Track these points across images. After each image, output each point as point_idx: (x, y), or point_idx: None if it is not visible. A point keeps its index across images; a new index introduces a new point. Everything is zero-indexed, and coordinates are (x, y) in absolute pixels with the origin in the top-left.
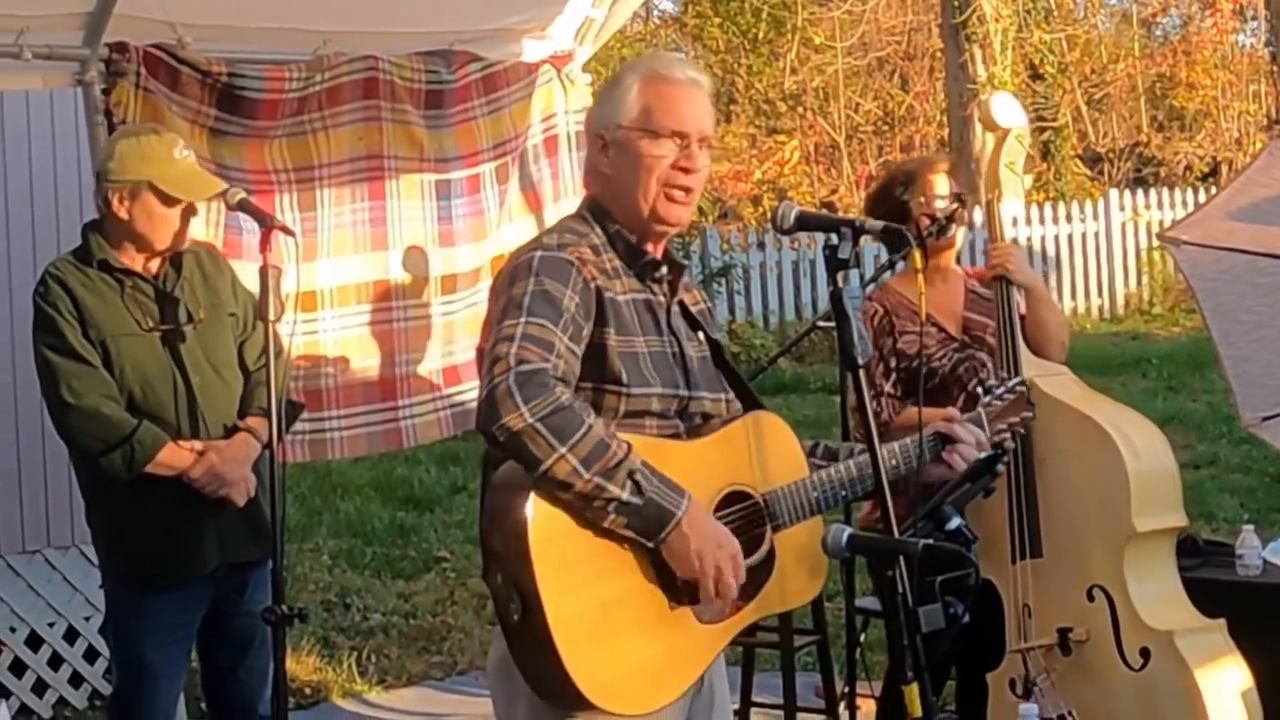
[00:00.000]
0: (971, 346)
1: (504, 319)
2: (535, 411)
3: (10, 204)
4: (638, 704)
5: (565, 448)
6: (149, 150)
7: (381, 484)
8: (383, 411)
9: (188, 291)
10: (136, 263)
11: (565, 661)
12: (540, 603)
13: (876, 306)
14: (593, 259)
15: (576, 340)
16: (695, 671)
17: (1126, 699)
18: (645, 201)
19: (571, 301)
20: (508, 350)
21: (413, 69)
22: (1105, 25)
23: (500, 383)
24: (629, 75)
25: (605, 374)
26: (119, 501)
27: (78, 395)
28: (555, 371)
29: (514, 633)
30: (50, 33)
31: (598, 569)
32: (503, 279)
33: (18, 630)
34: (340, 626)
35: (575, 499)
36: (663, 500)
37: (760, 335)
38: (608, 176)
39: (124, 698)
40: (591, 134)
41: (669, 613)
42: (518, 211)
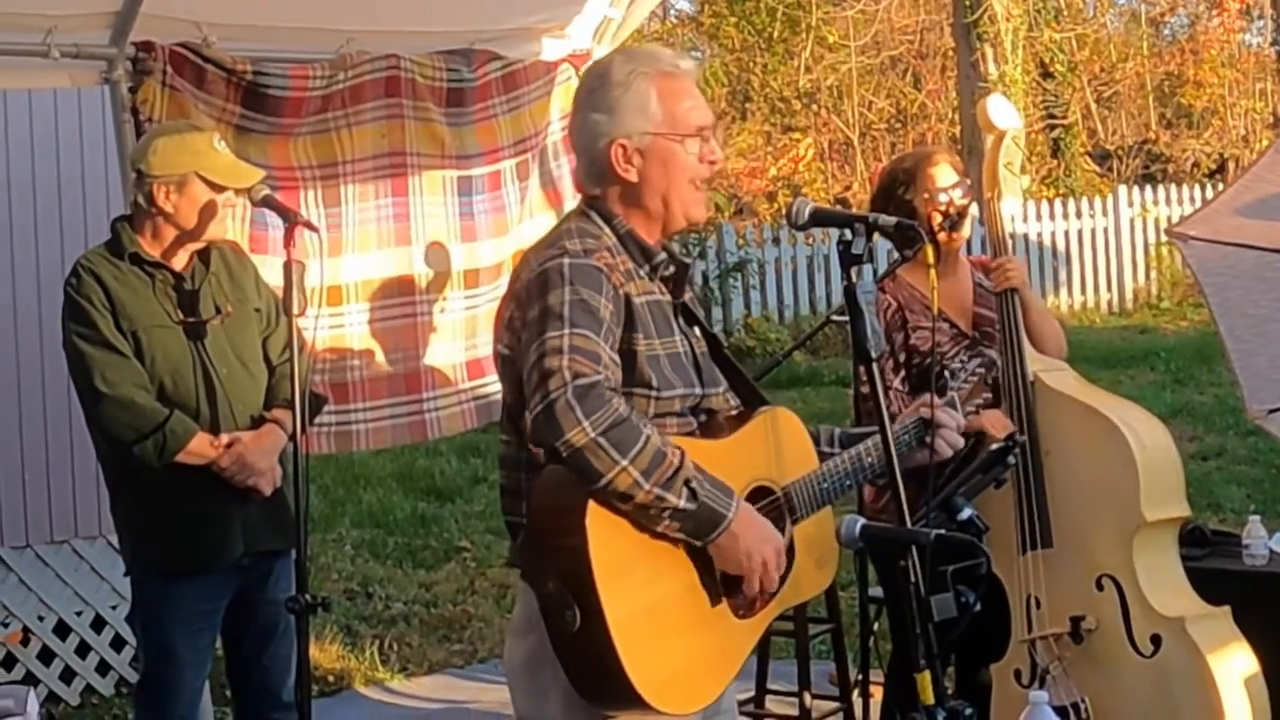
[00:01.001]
0: (982, 343)
1: (546, 329)
2: (597, 425)
3: (39, 201)
4: (689, 702)
5: (627, 460)
6: (191, 144)
7: (403, 475)
8: (407, 404)
9: (215, 286)
10: (166, 257)
11: (626, 666)
12: (601, 609)
13: (889, 300)
14: (614, 262)
15: (614, 349)
16: (735, 666)
17: (1138, 685)
18: (679, 204)
19: (606, 310)
20: (560, 364)
21: (434, 67)
22: (1114, 24)
23: (558, 397)
24: (636, 76)
25: (635, 379)
26: (146, 492)
27: (111, 385)
28: (609, 383)
29: (569, 639)
30: (78, 32)
31: (650, 572)
32: (532, 285)
33: (46, 619)
34: (363, 615)
35: (633, 509)
36: (715, 504)
37: (775, 329)
38: (630, 183)
39: (150, 685)
40: (606, 143)
41: (710, 610)
42: (538, 207)
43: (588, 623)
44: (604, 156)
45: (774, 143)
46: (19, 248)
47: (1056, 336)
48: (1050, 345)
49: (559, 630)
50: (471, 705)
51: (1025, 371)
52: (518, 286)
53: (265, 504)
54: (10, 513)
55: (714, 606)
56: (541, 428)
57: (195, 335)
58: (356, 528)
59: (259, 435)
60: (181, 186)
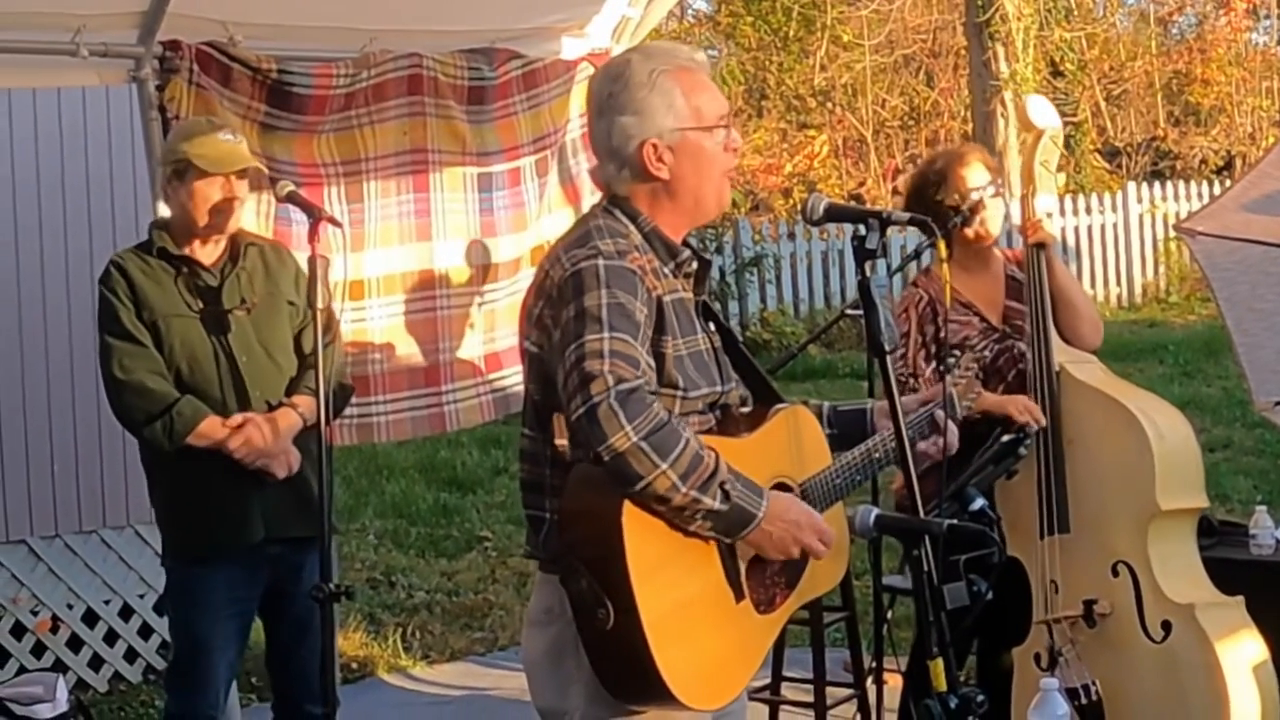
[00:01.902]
0: (1012, 336)
1: (584, 332)
2: (639, 430)
3: (67, 197)
4: (716, 698)
5: (667, 464)
6: (191, 129)
7: (426, 466)
8: (427, 396)
9: (244, 280)
10: (195, 252)
11: (658, 663)
12: (636, 608)
13: (921, 294)
14: (644, 263)
15: (648, 352)
16: (758, 660)
17: (1148, 670)
18: (712, 194)
19: (641, 314)
20: (601, 368)
21: (455, 66)
22: (1123, 24)
23: (601, 402)
24: (658, 75)
25: (663, 380)
26: (171, 477)
27: (127, 371)
28: (649, 386)
29: (602, 637)
30: (106, 31)
31: (680, 571)
32: (565, 284)
33: (75, 607)
34: (386, 604)
35: (668, 511)
36: (746, 504)
37: (790, 323)
38: (662, 181)
39: (179, 669)
40: (638, 144)
41: (734, 607)
42: (557, 203)
43: (621, 621)
44: (636, 158)
45: (789, 140)
46: (48, 243)
47: (1087, 304)
48: (1083, 314)
49: (590, 627)
50: (492, 692)
51: (1051, 355)
52: (548, 284)
53: (288, 489)
54: (40, 503)
55: (738, 603)
56: (583, 431)
57: (215, 324)
58: (380, 518)
59: (269, 417)
60: (181, 175)
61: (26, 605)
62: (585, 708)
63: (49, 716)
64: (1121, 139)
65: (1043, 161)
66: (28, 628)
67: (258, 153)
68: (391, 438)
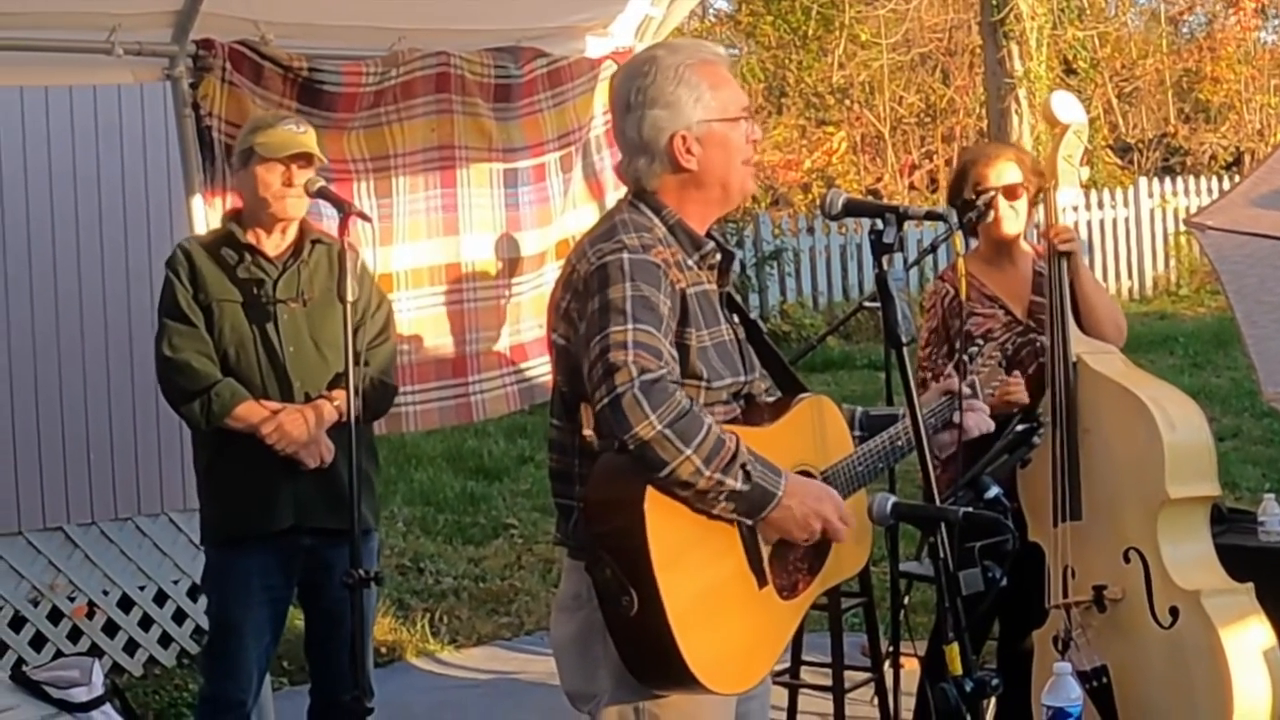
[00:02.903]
0: (1035, 330)
1: (609, 324)
2: (663, 418)
3: (103, 192)
4: (739, 682)
5: (690, 450)
6: (258, 121)
7: (453, 455)
8: (454, 387)
9: (305, 274)
10: (261, 242)
11: (682, 649)
12: (659, 594)
13: (946, 288)
14: (669, 256)
15: (672, 343)
16: (781, 645)
17: (1156, 654)
18: (737, 183)
19: (664, 306)
20: (625, 359)
21: (482, 64)
22: (1135, 23)
23: (625, 391)
24: (684, 70)
25: (687, 371)
26: (209, 457)
27: (175, 350)
28: (671, 376)
29: (627, 624)
30: (141, 30)
31: (704, 557)
32: (591, 277)
33: (110, 593)
34: (414, 590)
35: (692, 495)
36: (766, 484)
37: (810, 315)
38: (690, 172)
39: (213, 652)
40: (670, 136)
41: (757, 592)
42: (581, 199)
43: (645, 608)
44: (668, 150)
45: (808, 136)
46: (84, 237)
47: (1110, 308)
48: (1104, 317)
49: (615, 614)
50: (518, 675)
51: (1069, 346)
52: (574, 277)
53: (321, 481)
54: (76, 491)
55: (760, 589)
56: (608, 421)
57: (265, 314)
58: (408, 505)
59: (304, 408)
60: (245, 161)
61: (63, 591)
62: (612, 691)
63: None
64: (1133, 135)
65: (1066, 156)
66: (64, 613)
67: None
68: (420, 427)
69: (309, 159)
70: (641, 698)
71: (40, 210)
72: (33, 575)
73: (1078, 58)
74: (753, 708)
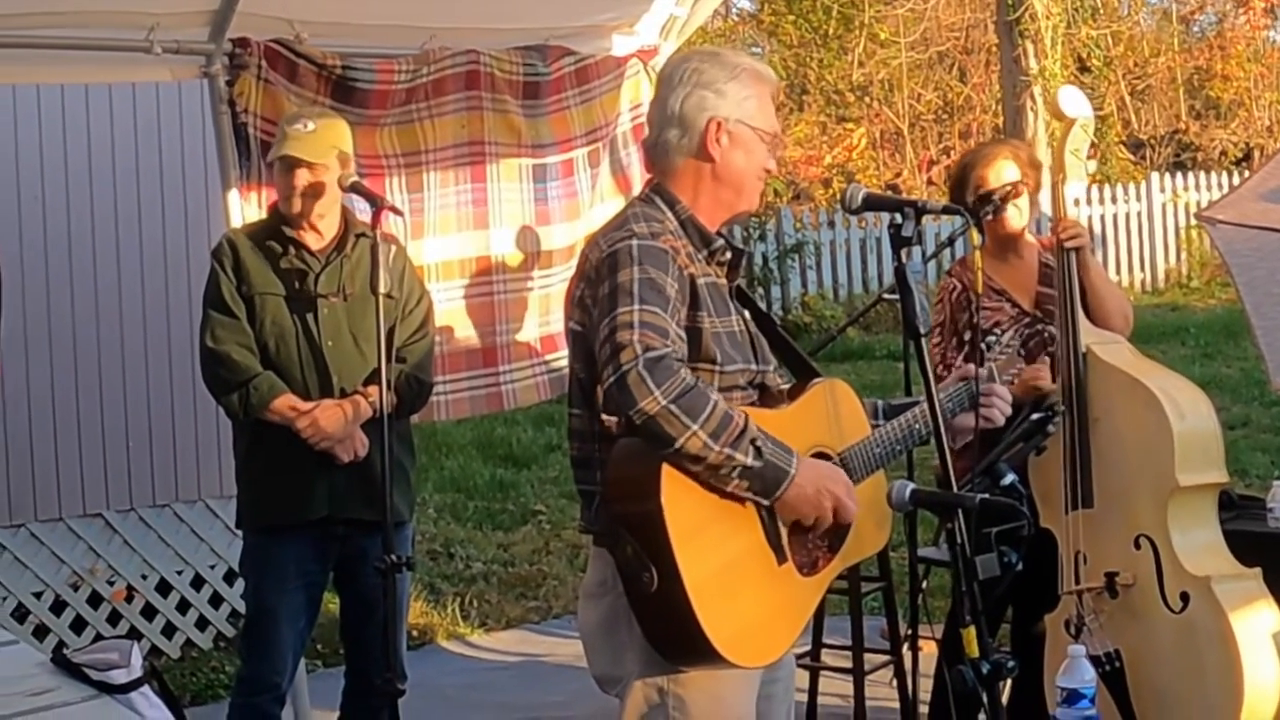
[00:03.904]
0: (1042, 321)
1: (616, 306)
2: (667, 394)
3: (141, 186)
4: (761, 656)
5: (697, 424)
6: (282, 125)
7: (482, 443)
8: (485, 377)
9: (347, 269)
10: (304, 236)
11: (702, 622)
12: (678, 569)
13: (955, 283)
14: (679, 245)
15: (680, 325)
16: (802, 620)
17: (1167, 639)
18: (748, 192)
19: (672, 289)
20: (631, 338)
21: (511, 62)
22: (1147, 22)
23: (630, 369)
24: (742, 72)
25: (699, 354)
26: (248, 451)
27: (217, 341)
28: (676, 354)
29: (648, 600)
30: (178, 29)
31: (721, 533)
32: (601, 264)
33: (149, 578)
34: (445, 574)
35: (704, 470)
36: (779, 461)
37: (830, 307)
38: (712, 161)
39: (250, 635)
40: (709, 118)
41: (777, 569)
42: (608, 193)
43: (665, 583)
44: (702, 130)
45: (829, 133)
46: (123, 231)
47: (1118, 300)
48: (1113, 309)
49: (637, 591)
50: (546, 658)
51: (1078, 337)
52: (587, 267)
53: (356, 473)
54: (115, 479)
55: (780, 565)
56: (615, 398)
57: (306, 307)
58: (439, 492)
59: (339, 403)
60: (273, 166)
61: (103, 576)
62: (639, 673)
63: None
64: (1145, 132)
65: (1073, 150)
66: (104, 597)
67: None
68: (451, 416)
69: (308, 164)
70: (667, 679)
71: (80, 205)
72: (73, 560)
73: (1091, 56)
74: (777, 691)
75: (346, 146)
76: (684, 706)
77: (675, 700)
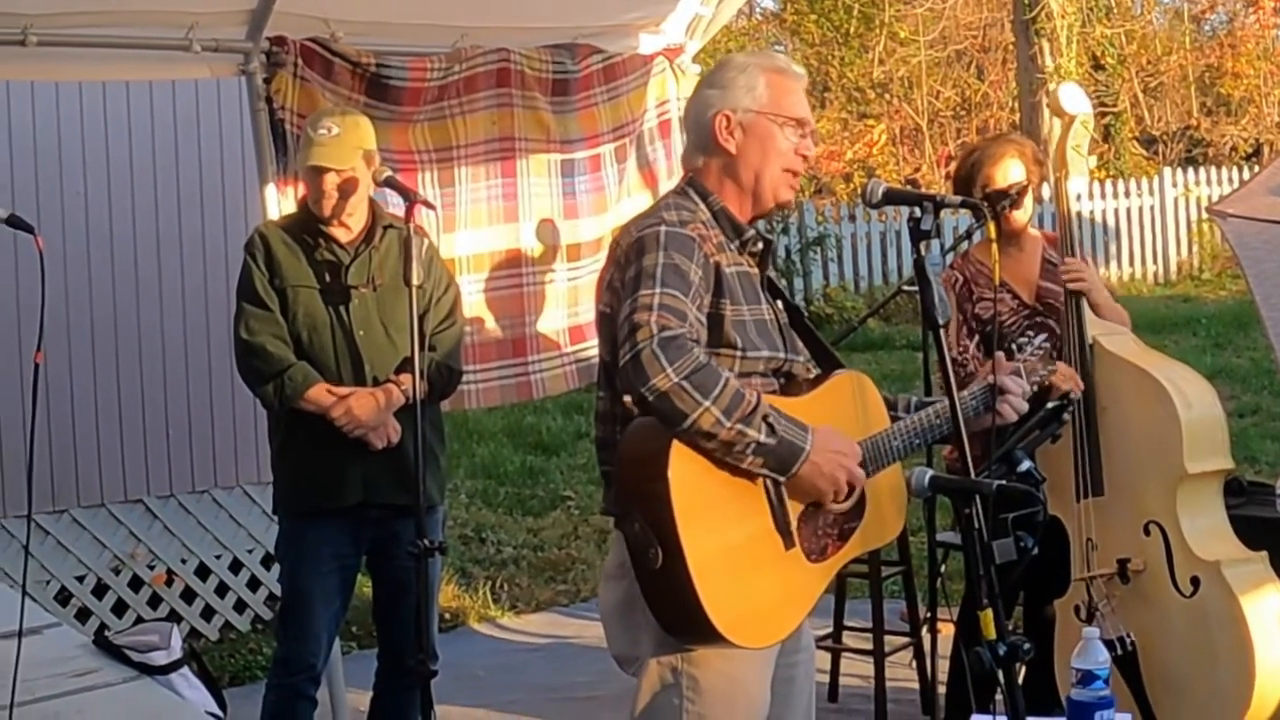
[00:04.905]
0: (1042, 314)
1: (639, 288)
2: (679, 371)
3: (181, 181)
4: (762, 638)
5: (709, 401)
6: (306, 128)
7: (513, 431)
8: (515, 366)
9: (375, 260)
10: (333, 229)
11: (703, 601)
12: (681, 548)
13: (957, 275)
14: (707, 234)
15: (701, 310)
16: (807, 606)
17: (1179, 622)
18: (769, 183)
19: (695, 275)
20: (648, 318)
21: (541, 60)
22: (1159, 21)
23: (644, 347)
24: (751, 66)
25: (721, 340)
26: (284, 439)
27: (251, 333)
28: (691, 335)
29: (653, 576)
30: (217, 28)
31: (728, 516)
32: (630, 248)
33: (188, 562)
34: (476, 559)
35: (718, 447)
36: (793, 438)
37: (851, 298)
38: (729, 155)
39: (286, 618)
40: (714, 113)
41: (784, 553)
42: (635, 187)
43: (669, 560)
44: (709, 126)
45: (850, 129)
46: (163, 226)
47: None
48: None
49: (643, 567)
50: (574, 640)
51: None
52: (618, 252)
53: (389, 459)
54: (156, 465)
55: (788, 550)
56: (629, 375)
57: (338, 298)
58: (470, 479)
59: (372, 392)
60: (301, 168)
61: (144, 560)
62: (654, 652)
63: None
64: (1158, 128)
65: (1074, 146)
66: (145, 581)
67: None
68: (482, 405)
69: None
70: (681, 659)
71: (122, 200)
72: (114, 545)
73: (1105, 54)
74: (798, 673)
75: (371, 144)
76: (697, 686)
77: (689, 680)
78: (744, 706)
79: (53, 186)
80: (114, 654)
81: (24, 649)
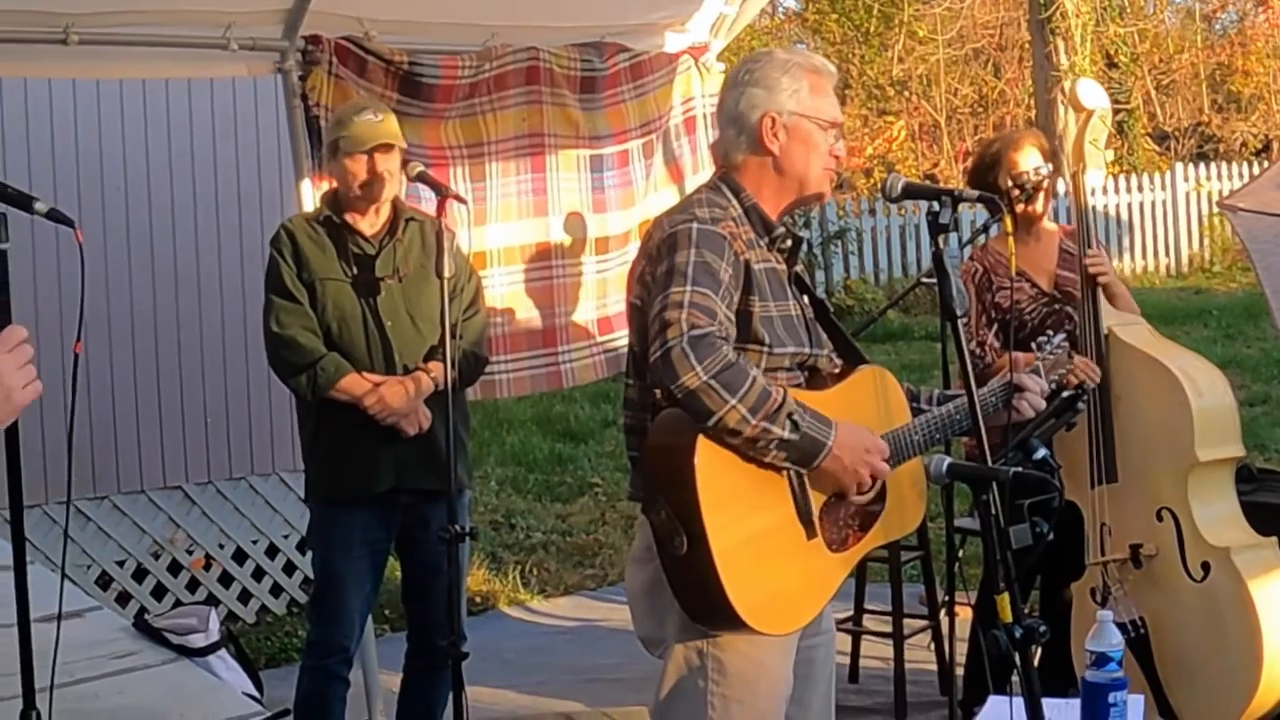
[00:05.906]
0: (1060, 301)
1: (670, 285)
2: (708, 370)
3: (219, 176)
4: (783, 624)
5: (736, 399)
6: (342, 113)
7: (542, 419)
8: (544, 356)
9: (400, 252)
10: (357, 222)
11: (726, 588)
12: (705, 535)
13: (977, 266)
14: (738, 231)
15: (730, 307)
16: (828, 594)
17: (1190, 606)
18: (811, 178)
19: (725, 273)
20: (678, 316)
21: (569, 58)
22: (1171, 20)
23: (674, 345)
24: (794, 66)
25: (749, 336)
26: (315, 424)
27: (282, 326)
28: (720, 333)
29: (678, 563)
30: (254, 26)
31: (751, 505)
32: (662, 244)
33: (226, 547)
34: (506, 544)
35: (743, 443)
36: (816, 434)
37: (871, 290)
38: (772, 155)
39: (319, 602)
40: (761, 115)
41: (806, 543)
42: (662, 182)
43: (693, 548)
44: (756, 126)
45: (870, 125)
46: (202, 220)
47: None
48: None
49: (668, 554)
50: (602, 623)
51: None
52: (650, 245)
53: (419, 445)
54: (194, 453)
55: (810, 540)
56: (659, 371)
57: (366, 290)
58: (500, 466)
59: (403, 380)
60: (334, 152)
61: (182, 545)
62: (678, 635)
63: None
64: (1170, 124)
65: (1092, 140)
66: (183, 565)
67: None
68: (512, 394)
69: (389, 146)
70: (706, 642)
71: (161, 195)
72: (154, 530)
73: (1119, 52)
74: (818, 655)
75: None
76: (722, 668)
77: (714, 662)
78: (767, 688)
79: (94, 184)
80: (153, 636)
81: (66, 632)
